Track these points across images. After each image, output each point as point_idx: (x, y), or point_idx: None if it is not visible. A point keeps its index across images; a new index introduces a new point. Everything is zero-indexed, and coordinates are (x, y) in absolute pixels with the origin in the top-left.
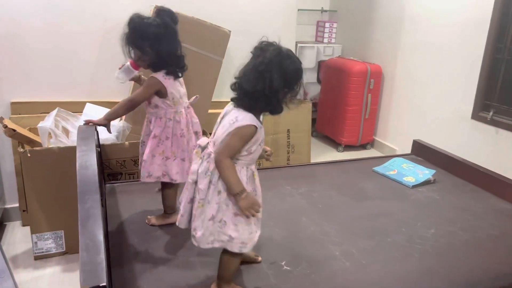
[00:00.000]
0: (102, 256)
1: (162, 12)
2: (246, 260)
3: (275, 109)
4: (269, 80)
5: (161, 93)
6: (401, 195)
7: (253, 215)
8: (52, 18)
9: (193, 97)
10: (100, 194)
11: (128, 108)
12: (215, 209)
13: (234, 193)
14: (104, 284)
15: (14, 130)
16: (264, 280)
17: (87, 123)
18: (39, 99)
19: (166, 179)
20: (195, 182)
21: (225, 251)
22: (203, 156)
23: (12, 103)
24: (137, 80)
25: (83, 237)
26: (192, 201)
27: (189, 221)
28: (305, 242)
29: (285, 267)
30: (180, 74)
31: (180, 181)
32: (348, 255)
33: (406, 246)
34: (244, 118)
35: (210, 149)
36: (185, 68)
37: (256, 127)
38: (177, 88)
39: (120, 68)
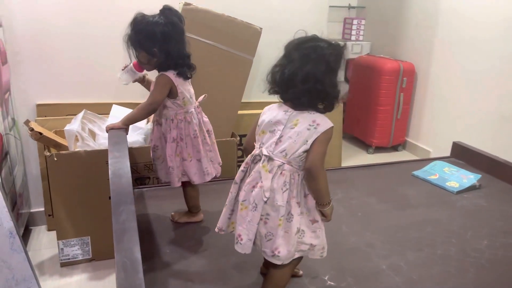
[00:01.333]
0: (141, 276)
1: (167, 11)
2: None
3: (334, 106)
4: (336, 75)
5: (172, 92)
6: (446, 202)
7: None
8: (77, 18)
9: (202, 96)
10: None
11: (149, 112)
12: (298, 222)
13: (325, 202)
14: None
15: (40, 133)
16: None
17: (107, 131)
18: (65, 101)
19: (185, 179)
20: (267, 200)
21: (275, 266)
22: (271, 169)
23: (38, 105)
24: (141, 81)
25: (119, 255)
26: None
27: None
28: (348, 254)
29: (329, 282)
30: (189, 75)
31: (198, 182)
32: (397, 269)
33: (460, 260)
34: (323, 120)
35: (281, 160)
36: (194, 68)
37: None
38: (187, 87)
39: (123, 70)
